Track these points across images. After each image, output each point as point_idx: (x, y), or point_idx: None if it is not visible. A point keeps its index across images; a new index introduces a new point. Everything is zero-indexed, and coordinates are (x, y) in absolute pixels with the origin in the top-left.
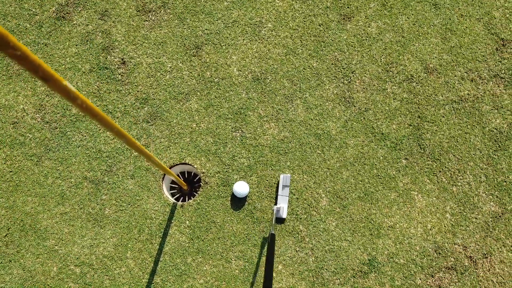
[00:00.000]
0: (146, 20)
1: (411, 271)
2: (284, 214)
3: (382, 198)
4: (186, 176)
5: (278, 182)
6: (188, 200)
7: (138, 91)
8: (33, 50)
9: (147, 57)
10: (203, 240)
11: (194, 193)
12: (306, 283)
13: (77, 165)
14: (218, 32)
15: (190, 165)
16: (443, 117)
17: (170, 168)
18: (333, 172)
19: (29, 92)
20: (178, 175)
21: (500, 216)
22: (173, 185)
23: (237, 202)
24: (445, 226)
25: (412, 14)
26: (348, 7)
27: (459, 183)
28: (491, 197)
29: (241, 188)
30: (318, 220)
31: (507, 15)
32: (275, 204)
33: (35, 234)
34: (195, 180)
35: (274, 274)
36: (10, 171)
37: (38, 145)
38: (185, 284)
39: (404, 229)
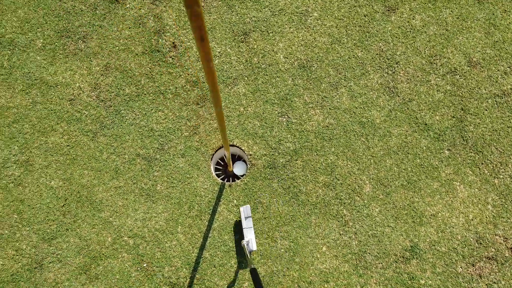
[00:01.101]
0: None
1: (452, 259)
2: (254, 247)
3: (424, 187)
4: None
5: (240, 215)
6: (233, 181)
7: (188, 74)
8: (88, 31)
9: None
10: None
11: (239, 176)
12: (349, 266)
13: (131, 142)
14: (265, 19)
15: (238, 147)
16: (486, 110)
17: (217, 150)
18: (377, 160)
19: (84, 71)
20: (224, 156)
21: None
22: (218, 166)
23: (284, 186)
24: (486, 217)
25: (456, 8)
26: None
27: (501, 176)
28: None
29: (239, 168)
30: (362, 205)
31: None
32: (243, 238)
33: (91, 205)
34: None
35: (318, 255)
36: (68, 145)
37: (94, 121)
38: (232, 260)
39: (446, 218)
